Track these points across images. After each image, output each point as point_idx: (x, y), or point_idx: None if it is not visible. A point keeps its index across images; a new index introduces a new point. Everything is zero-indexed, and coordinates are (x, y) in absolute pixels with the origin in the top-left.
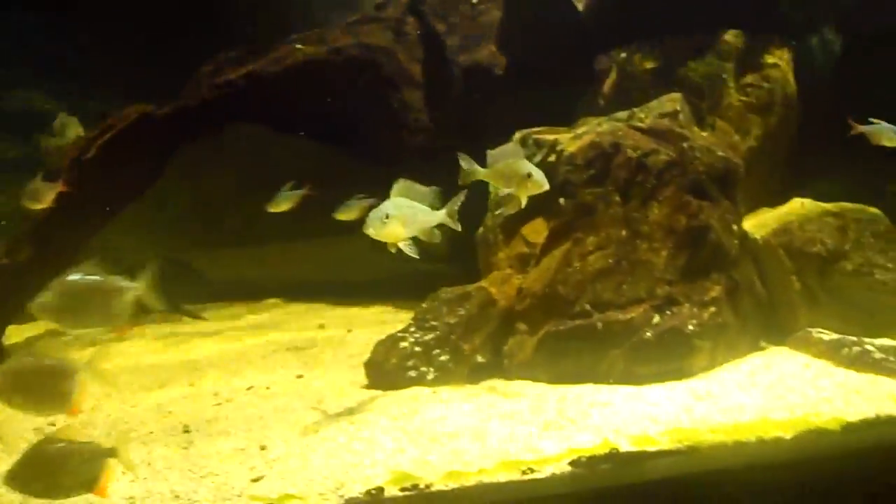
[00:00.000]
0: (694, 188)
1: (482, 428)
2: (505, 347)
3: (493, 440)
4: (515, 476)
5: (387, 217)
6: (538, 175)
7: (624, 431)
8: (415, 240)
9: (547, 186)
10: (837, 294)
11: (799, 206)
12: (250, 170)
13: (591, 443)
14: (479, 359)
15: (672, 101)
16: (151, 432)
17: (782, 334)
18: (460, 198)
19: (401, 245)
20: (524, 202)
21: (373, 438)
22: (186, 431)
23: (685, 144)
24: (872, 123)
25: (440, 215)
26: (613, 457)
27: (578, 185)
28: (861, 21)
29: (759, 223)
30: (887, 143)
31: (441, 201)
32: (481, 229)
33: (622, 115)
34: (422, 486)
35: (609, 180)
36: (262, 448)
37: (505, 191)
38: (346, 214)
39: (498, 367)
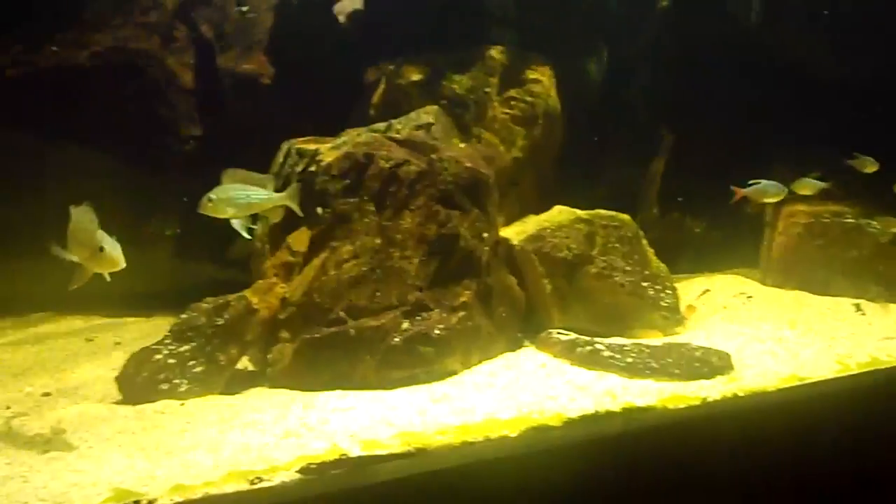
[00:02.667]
0: (444, 198)
1: (220, 439)
2: (269, 356)
3: (227, 451)
4: (243, 486)
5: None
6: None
7: (359, 436)
8: None
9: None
10: (585, 296)
11: (557, 213)
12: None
13: (323, 449)
14: (251, 367)
15: (427, 113)
16: None
17: None
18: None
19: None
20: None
21: (103, 456)
22: None
23: (434, 156)
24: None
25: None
26: (343, 462)
27: (334, 195)
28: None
29: (521, 230)
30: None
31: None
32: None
33: (381, 126)
34: (144, 502)
35: (363, 190)
36: None
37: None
38: None
39: (264, 376)
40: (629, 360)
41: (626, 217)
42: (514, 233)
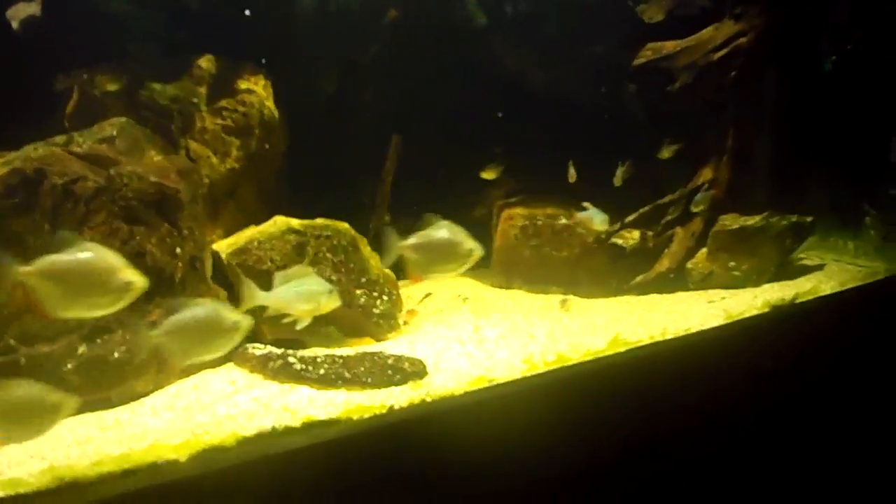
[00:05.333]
0: (126, 214)
1: None
2: None
3: None
4: None
5: None
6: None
7: (3, 475)
8: None
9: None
10: None
11: (272, 224)
12: None
13: None
14: None
15: (112, 125)
16: None
17: None
18: None
19: None
20: None
21: None
22: None
23: (114, 171)
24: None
25: None
26: None
27: (3, 215)
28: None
29: (233, 242)
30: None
31: None
32: None
33: (60, 139)
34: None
35: (36, 209)
36: None
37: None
38: None
39: None
40: (321, 371)
41: (342, 225)
42: (226, 245)
